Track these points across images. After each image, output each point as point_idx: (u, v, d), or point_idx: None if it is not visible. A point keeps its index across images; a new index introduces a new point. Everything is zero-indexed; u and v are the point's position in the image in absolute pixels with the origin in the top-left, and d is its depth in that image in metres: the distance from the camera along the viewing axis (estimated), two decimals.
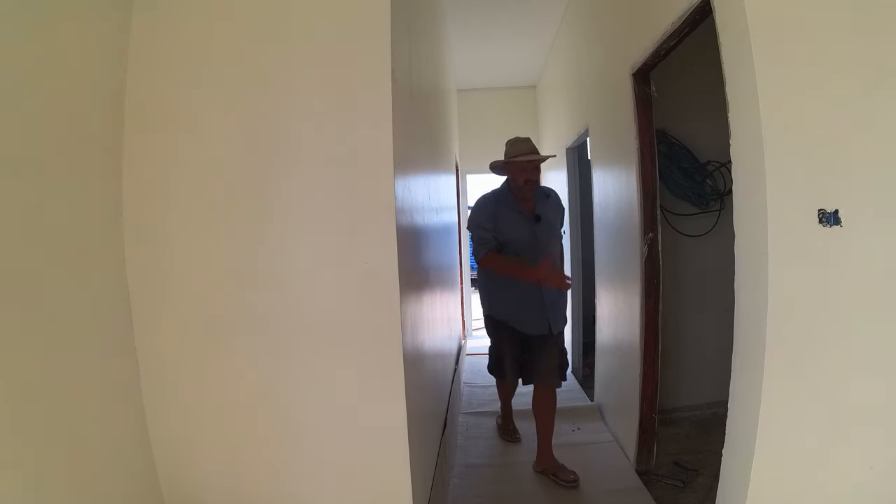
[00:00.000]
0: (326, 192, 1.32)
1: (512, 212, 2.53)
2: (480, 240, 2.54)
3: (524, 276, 2.47)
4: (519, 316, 2.55)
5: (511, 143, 2.59)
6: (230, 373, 1.34)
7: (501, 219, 2.51)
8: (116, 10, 1.27)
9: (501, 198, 2.59)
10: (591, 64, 3.26)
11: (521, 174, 2.49)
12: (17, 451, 0.96)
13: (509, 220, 2.52)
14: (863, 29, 1.26)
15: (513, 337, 2.61)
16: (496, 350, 2.73)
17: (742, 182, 1.42)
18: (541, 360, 2.55)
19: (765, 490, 1.32)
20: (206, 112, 1.32)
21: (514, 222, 2.52)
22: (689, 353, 3.00)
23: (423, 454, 1.68)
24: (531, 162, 2.50)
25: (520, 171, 2.50)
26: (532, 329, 2.53)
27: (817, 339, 1.29)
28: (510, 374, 2.69)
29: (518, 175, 2.50)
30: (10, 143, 0.97)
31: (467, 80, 5.54)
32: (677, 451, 2.64)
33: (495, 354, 2.74)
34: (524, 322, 2.55)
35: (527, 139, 2.57)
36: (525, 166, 2.49)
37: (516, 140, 2.59)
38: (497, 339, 2.71)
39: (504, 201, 2.57)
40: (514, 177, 2.52)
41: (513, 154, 2.51)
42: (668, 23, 1.84)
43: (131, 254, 1.30)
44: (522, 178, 2.49)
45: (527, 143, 2.55)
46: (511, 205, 2.54)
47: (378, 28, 1.30)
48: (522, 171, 2.49)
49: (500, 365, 2.71)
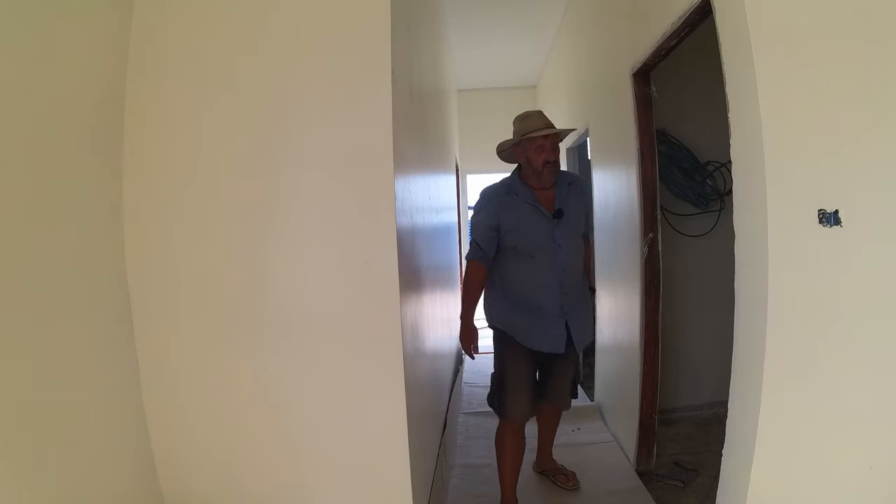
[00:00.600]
0: (326, 192, 1.32)
1: (526, 207, 2.02)
2: (475, 245, 2.07)
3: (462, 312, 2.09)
4: (529, 329, 2.01)
5: (522, 118, 2.07)
6: (230, 372, 1.34)
7: (510, 215, 2.01)
8: (116, 9, 1.27)
9: (513, 189, 2.06)
10: (592, 64, 3.26)
11: (539, 154, 1.98)
12: (17, 451, 0.96)
13: (521, 217, 2.01)
14: (863, 29, 1.26)
15: (525, 356, 2.04)
16: (498, 368, 2.11)
17: (742, 182, 1.42)
18: (553, 380, 2.16)
19: (765, 490, 1.32)
20: (205, 112, 1.32)
21: (526, 221, 2.01)
22: (689, 353, 2.99)
23: (423, 454, 1.69)
24: (549, 138, 1.99)
25: (537, 150, 1.98)
26: (547, 345, 2.01)
27: (817, 339, 1.29)
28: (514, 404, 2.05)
29: (536, 156, 1.99)
30: (10, 142, 0.97)
31: (467, 80, 5.54)
32: (677, 452, 2.64)
33: (496, 376, 2.12)
34: (534, 337, 2.01)
35: (539, 112, 2.08)
36: (543, 144, 1.98)
37: (528, 114, 2.07)
38: (500, 352, 2.10)
39: (516, 193, 2.04)
40: (531, 159, 2.00)
41: (526, 130, 2.00)
42: (668, 23, 1.84)
43: (131, 254, 1.31)
44: (541, 160, 1.98)
45: (541, 117, 2.04)
46: (526, 197, 2.02)
47: (378, 28, 1.30)
48: (540, 151, 1.98)
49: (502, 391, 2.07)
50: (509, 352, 2.06)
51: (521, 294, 2.04)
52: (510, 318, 2.05)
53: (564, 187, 2.07)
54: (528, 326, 2.01)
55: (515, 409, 2.06)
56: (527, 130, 2.00)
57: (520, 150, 2.05)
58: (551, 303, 2.00)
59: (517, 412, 2.06)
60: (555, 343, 2.00)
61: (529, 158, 2.01)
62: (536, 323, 2.01)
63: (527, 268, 2.02)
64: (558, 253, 2.00)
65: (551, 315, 2.00)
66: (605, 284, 3.18)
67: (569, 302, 2.02)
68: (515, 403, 2.05)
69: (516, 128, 2.07)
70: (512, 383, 2.05)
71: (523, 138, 2.00)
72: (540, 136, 1.98)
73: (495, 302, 2.11)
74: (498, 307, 2.10)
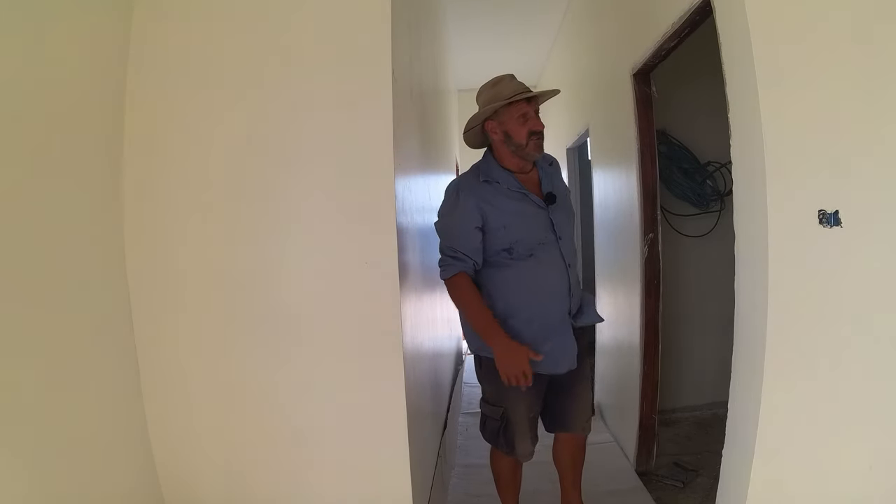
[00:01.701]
0: (327, 192, 1.32)
1: (512, 196, 1.62)
2: (451, 258, 1.60)
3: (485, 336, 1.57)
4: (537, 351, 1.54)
5: (490, 85, 1.64)
6: (230, 372, 1.34)
7: (495, 211, 1.59)
8: (116, 10, 1.27)
9: (491, 175, 1.63)
10: (592, 64, 3.25)
11: (522, 125, 1.58)
12: (17, 451, 0.96)
13: (510, 210, 1.60)
14: (863, 29, 1.26)
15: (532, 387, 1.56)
16: (498, 405, 1.67)
17: (742, 183, 1.42)
18: (572, 402, 1.73)
19: (765, 490, 1.32)
20: (206, 112, 1.32)
21: (518, 214, 1.61)
22: (689, 354, 2.99)
23: (423, 454, 1.68)
24: (532, 101, 1.60)
25: (519, 119, 1.58)
26: (561, 364, 1.63)
27: (817, 339, 1.29)
28: (524, 444, 1.67)
29: (517, 128, 1.58)
30: (9, 142, 0.97)
31: (467, 80, 5.53)
32: (677, 452, 2.64)
33: (497, 413, 1.67)
34: (546, 360, 1.57)
35: (511, 75, 1.65)
36: (526, 110, 1.58)
37: (498, 80, 1.64)
38: (499, 388, 1.59)
39: (497, 181, 1.63)
40: (511, 132, 1.59)
41: (500, 98, 1.58)
42: (668, 23, 1.84)
43: (131, 253, 1.30)
44: (525, 132, 1.57)
45: (514, 81, 1.63)
46: (510, 185, 1.62)
47: (379, 28, 1.30)
48: (523, 120, 1.58)
49: (507, 429, 1.66)
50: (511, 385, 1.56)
51: (520, 307, 1.61)
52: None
53: (546, 167, 1.73)
54: (536, 348, 1.55)
55: (525, 448, 1.68)
56: (501, 97, 1.58)
57: (493, 125, 1.62)
58: (558, 311, 1.62)
59: (527, 451, 1.69)
60: (569, 359, 1.64)
61: (509, 132, 1.59)
62: (547, 341, 1.60)
63: (526, 272, 1.61)
64: (560, 246, 1.64)
65: (559, 325, 1.63)
66: (605, 284, 3.18)
67: (574, 304, 1.68)
68: (525, 443, 1.67)
69: (485, 97, 1.63)
70: (520, 422, 1.65)
71: (499, 107, 1.58)
72: (522, 101, 1.57)
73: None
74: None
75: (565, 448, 1.81)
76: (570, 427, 1.76)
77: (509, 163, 1.66)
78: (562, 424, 1.77)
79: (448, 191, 1.68)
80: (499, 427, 1.69)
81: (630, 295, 2.58)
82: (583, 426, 1.76)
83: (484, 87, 1.66)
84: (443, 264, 1.63)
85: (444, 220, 1.66)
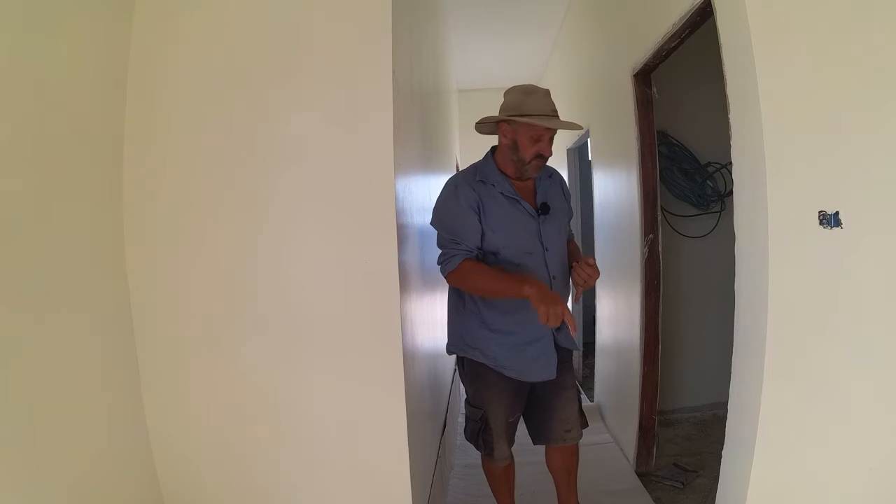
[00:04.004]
0: (327, 193, 1.32)
1: (505, 201, 1.65)
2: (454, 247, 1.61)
3: (519, 288, 1.50)
4: (516, 357, 1.64)
5: (523, 91, 1.62)
6: (230, 373, 1.34)
7: (489, 212, 1.62)
8: (117, 9, 1.27)
9: (488, 177, 1.66)
10: (592, 65, 3.26)
11: (532, 146, 1.59)
12: (17, 451, 0.96)
13: (501, 213, 1.63)
14: (863, 29, 1.26)
15: (511, 390, 1.68)
16: (478, 407, 1.73)
17: (743, 183, 1.42)
18: (551, 414, 1.75)
19: (765, 491, 1.32)
20: (205, 112, 1.32)
21: (508, 217, 1.63)
22: (689, 354, 3.00)
23: (423, 454, 1.68)
24: (551, 130, 1.61)
25: (531, 140, 1.59)
26: (541, 374, 1.67)
27: (817, 340, 1.29)
28: (501, 447, 1.72)
29: (527, 146, 1.60)
30: (9, 142, 0.97)
31: (468, 80, 5.54)
32: (677, 453, 2.64)
33: (477, 415, 1.73)
34: (525, 367, 1.66)
35: (547, 91, 1.63)
36: (542, 133, 1.59)
37: (532, 89, 1.62)
38: (477, 389, 1.72)
39: (492, 183, 1.65)
40: (520, 145, 1.61)
41: (525, 110, 1.58)
42: (668, 24, 1.84)
43: (131, 254, 1.30)
44: (532, 152, 1.60)
45: (547, 99, 1.62)
46: (504, 189, 1.65)
47: (379, 28, 1.30)
48: (534, 142, 1.59)
49: (486, 431, 1.71)
50: (490, 386, 1.68)
51: (505, 313, 1.64)
52: (488, 346, 1.66)
53: (545, 179, 1.75)
54: (516, 354, 1.63)
55: (502, 451, 1.74)
56: (526, 111, 1.58)
57: (507, 129, 1.63)
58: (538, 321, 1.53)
59: (504, 454, 1.75)
60: (547, 368, 1.66)
61: (518, 144, 1.61)
62: (526, 348, 1.64)
63: None
64: (546, 256, 1.67)
65: (542, 335, 1.65)
66: (604, 285, 3.18)
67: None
68: (502, 446, 1.73)
69: (512, 100, 1.62)
70: (499, 425, 1.70)
71: (520, 117, 1.57)
72: (542, 126, 1.58)
73: (465, 326, 1.71)
74: (470, 333, 1.69)
75: (553, 457, 1.85)
76: (549, 439, 1.79)
77: (508, 167, 1.68)
78: (540, 436, 1.81)
79: (446, 185, 1.71)
80: (478, 429, 1.73)
81: (630, 295, 2.58)
82: (563, 437, 1.77)
83: (515, 90, 1.66)
84: (444, 257, 1.63)
85: (444, 212, 1.67)
